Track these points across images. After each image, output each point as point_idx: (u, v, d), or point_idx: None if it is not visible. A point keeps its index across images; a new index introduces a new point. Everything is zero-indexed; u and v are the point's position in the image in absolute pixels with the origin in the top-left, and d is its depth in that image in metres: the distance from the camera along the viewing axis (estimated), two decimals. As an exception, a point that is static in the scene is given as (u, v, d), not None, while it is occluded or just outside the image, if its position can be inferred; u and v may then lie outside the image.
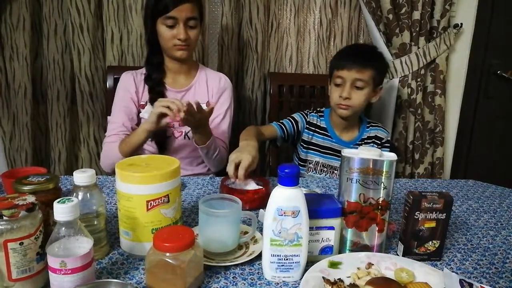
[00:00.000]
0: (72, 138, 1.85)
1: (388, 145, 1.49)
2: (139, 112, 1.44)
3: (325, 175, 1.48)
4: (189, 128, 1.42)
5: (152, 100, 1.40)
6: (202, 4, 1.43)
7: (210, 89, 1.48)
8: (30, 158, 1.81)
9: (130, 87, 1.42)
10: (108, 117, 1.46)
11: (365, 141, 1.49)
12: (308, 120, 1.51)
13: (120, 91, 1.44)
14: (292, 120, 1.48)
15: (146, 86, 1.43)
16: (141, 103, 1.43)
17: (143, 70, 1.47)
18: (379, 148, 1.45)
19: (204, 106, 1.41)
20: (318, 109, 1.54)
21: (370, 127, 1.50)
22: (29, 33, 1.69)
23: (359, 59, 1.37)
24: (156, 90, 1.41)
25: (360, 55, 1.39)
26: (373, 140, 1.48)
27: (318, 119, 1.51)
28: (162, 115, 1.18)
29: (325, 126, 1.50)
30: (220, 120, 1.47)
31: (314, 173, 1.50)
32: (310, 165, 1.50)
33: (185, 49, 1.36)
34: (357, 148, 1.48)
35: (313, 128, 1.50)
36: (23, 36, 1.69)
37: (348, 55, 1.42)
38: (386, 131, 1.53)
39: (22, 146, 1.80)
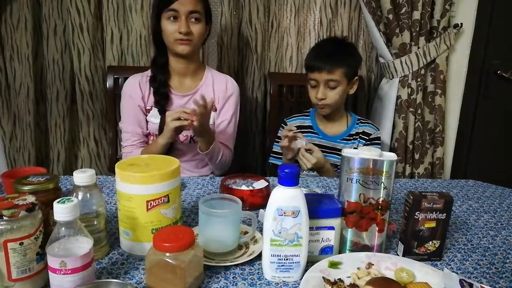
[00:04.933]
0: (72, 138, 1.85)
1: (379, 142, 1.51)
2: (146, 115, 1.44)
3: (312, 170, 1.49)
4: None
5: (156, 103, 1.41)
6: (206, 0, 1.41)
7: (216, 93, 1.47)
8: (33, 158, 1.81)
9: (135, 93, 1.42)
10: (120, 123, 1.47)
11: (353, 136, 1.50)
12: None
13: (126, 100, 1.43)
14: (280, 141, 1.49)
15: (152, 90, 1.42)
16: (147, 107, 1.43)
17: (149, 72, 1.45)
18: (367, 144, 1.47)
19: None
20: (304, 111, 1.59)
21: (360, 124, 1.53)
22: (30, 33, 1.69)
23: (328, 60, 1.39)
24: (161, 92, 1.40)
25: (329, 56, 1.41)
26: (360, 135, 1.50)
27: (302, 120, 1.55)
28: (178, 127, 1.24)
29: (310, 124, 1.54)
30: (226, 125, 1.47)
31: (308, 172, 1.50)
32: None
33: (187, 44, 1.34)
34: (344, 143, 1.51)
35: (297, 130, 1.51)
36: (25, 36, 1.69)
37: (318, 56, 1.44)
38: (376, 128, 1.54)
39: (25, 147, 1.80)
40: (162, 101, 1.40)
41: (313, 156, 1.33)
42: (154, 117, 1.42)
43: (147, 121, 1.44)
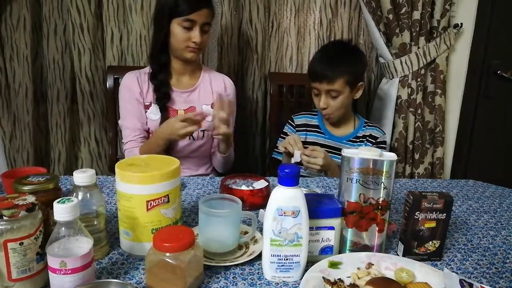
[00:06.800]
0: (72, 138, 1.85)
1: (385, 146, 1.51)
2: (145, 111, 1.44)
3: (321, 172, 1.49)
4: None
5: (158, 100, 1.42)
6: (214, 10, 1.45)
7: (215, 91, 1.49)
8: (32, 158, 1.81)
9: (134, 88, 1.42)
10: (119, 121, 1.47)
11: (360, 139, 1.50)
12: (295, 124, 1.55)
13: (125, 94, 1.43)
14: (285, 137, 1.48)
15: (151, 86, 1.43)
16: (146, 103, 1.43)
17: (146, 70, 1.46)
18: (374, 147, 1.46)
19: (209, 108, 1.43)
20: (313, 109, 1.58)
21: (367, 127, 1.52)
22: (30, 33, 1.69)
23: (329, 70, 1.37)
24: (162, 90, 1.42)
25: (330, 65, 1.38)
26: (367, 138, 1.50)
27: (309, 118, 1.55)
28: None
29: (317, 124, 1.53)
30: None
31: (310, 171, 1.50)
32: None
33: (196, 52, 1.38)
34: (350, 144, 1.51)
35: (304, 128, 1.53)
36: (24, 36, 1.69)
37: (319, 65, 1.41)
38: (382, 131, 1.54)
39: (24, 147, 1.80)
40: (164, 99, 1.42)
41: (317, 154, 1.29)
42: (154, 114, 1.42)
43: (146, 117, 1.44)
